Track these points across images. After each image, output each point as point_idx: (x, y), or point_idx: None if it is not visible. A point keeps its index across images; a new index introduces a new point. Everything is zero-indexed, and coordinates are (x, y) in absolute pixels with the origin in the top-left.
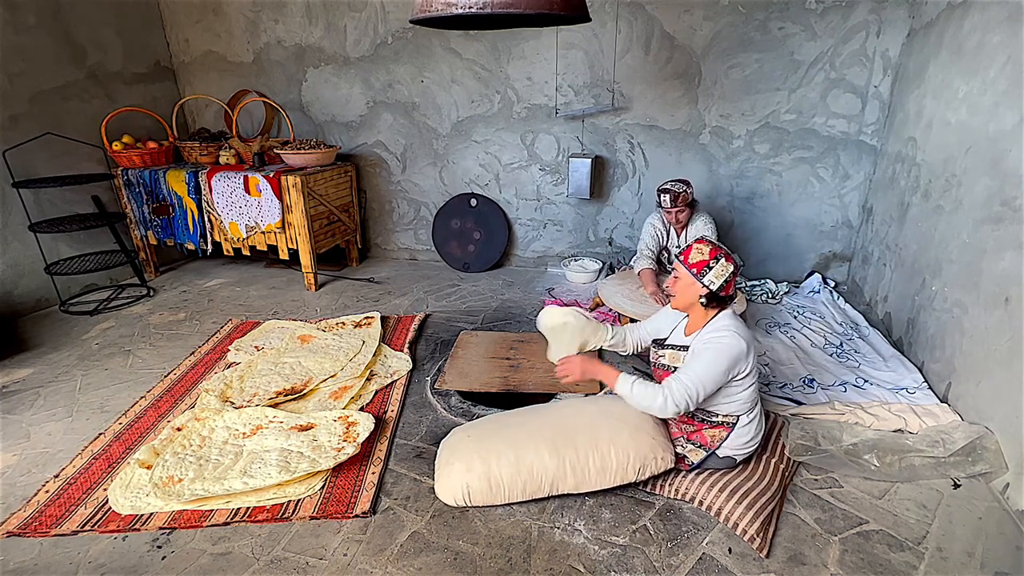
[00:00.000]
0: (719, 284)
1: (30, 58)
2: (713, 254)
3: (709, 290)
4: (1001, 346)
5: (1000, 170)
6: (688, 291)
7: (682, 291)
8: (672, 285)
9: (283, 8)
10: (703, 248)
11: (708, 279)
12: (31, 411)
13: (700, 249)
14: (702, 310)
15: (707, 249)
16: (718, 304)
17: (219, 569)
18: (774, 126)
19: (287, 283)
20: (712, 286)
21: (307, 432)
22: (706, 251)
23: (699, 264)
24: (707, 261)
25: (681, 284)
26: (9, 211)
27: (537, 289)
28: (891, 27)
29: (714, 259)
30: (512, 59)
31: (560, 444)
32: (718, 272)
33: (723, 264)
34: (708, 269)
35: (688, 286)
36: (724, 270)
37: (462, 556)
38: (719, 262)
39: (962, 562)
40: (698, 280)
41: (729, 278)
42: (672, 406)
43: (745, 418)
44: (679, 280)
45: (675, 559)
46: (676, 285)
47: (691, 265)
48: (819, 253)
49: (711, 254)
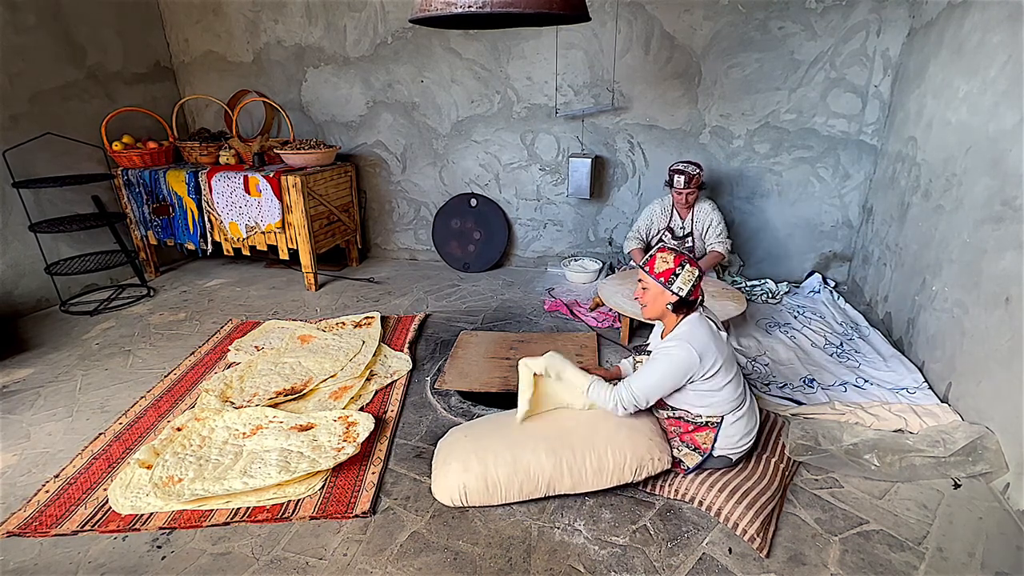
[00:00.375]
0: (687, 289)
1: (30, 58)
2: (678, 261)
3: (679, 297)
4: (1001, 346)
5: (1000, 170)
6: (658, 300)
7: (651, 301)
8: (641, 296)
9: (283, 8)
10: (667, 257)
11: (676, 286)
12: (31, 411)
13: (664, 258)
14: (673, 316)
15: (671, 257)
16: (687, 308)
17: (219, 569)
18: (774, 126)
19: (287, 283)
20: (681, 292)
21: (307, 432)
22: (670, 259)
23: (666, 273)
24: (673, 269)
25: (650, 295)
26: (9, 211)
27: (537, 289)
28: (891, 26)
29: (679, 266)
30: (512, 59)
31: (557, 444)
32: (685, 278)
33: (688, 269)
34: (675, 276)
35: (657, 295)
36: (691, 275)
37: (462, 556)
38: (684, 268)
39: (963, 562)
40: (667, 288)
41: (696, 282)
42: (621, 410)
43: (731, 417)
44: (648, 291)
45: (675, 559)
46: (645, 296)
47: (658, 275)
48: (819, 253)
49: (675, 261)
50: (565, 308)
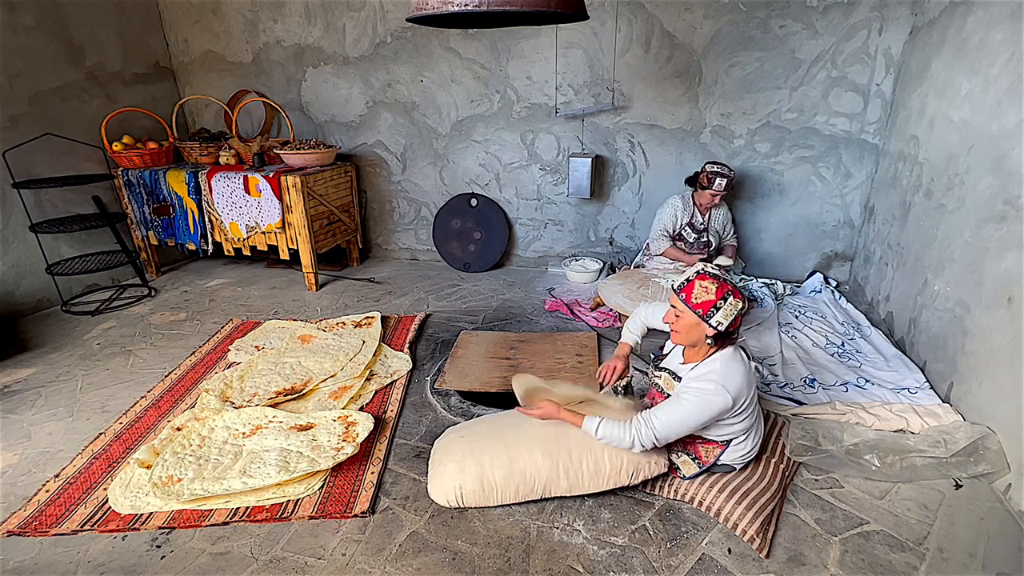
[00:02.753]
0: (727, 324)
1: (29, 59)
2: (720, 293)
3: (716, 331)
4: (1003, 346)
5: (1003, 169)
6: (693, 331)
7: (685, 331)
8: (673, 322)
9: (282, 8)
10: (709, 286)
11: (716, 320)
12: (32, 411)
13: (706, 287)
14: (706, 347)
15: (714, 288)
16: (723, 341)
17: (218, 569)
18: (775, 125)
19: (288, 283)
20: (720, 327)
21: (306, 432)
22: (713, 289)
23: (705, 304)
24: (714, 301)
25: (684, 323)
26: (10, 212)
27: (538, 289)
28: (893, 24)
29: (722, 298)
30: (512, 58)
31: (554, 447)
32: (726, 312)
33: (731, 303)
34: (716, 310)
35: (693, 326)
36: (733, 308)
37: (461, 556)
38: (727, 301)
39: (963, 563)
40: (705, 322)
41: (737, 316)
42: (639, 448)
43: (741, 436)
44: (681, 319)
45: (674, 559)
46: (679, 323)
47: (696, 305)
48: (821, 252)
49: (718, 293)
50: (566, 308)
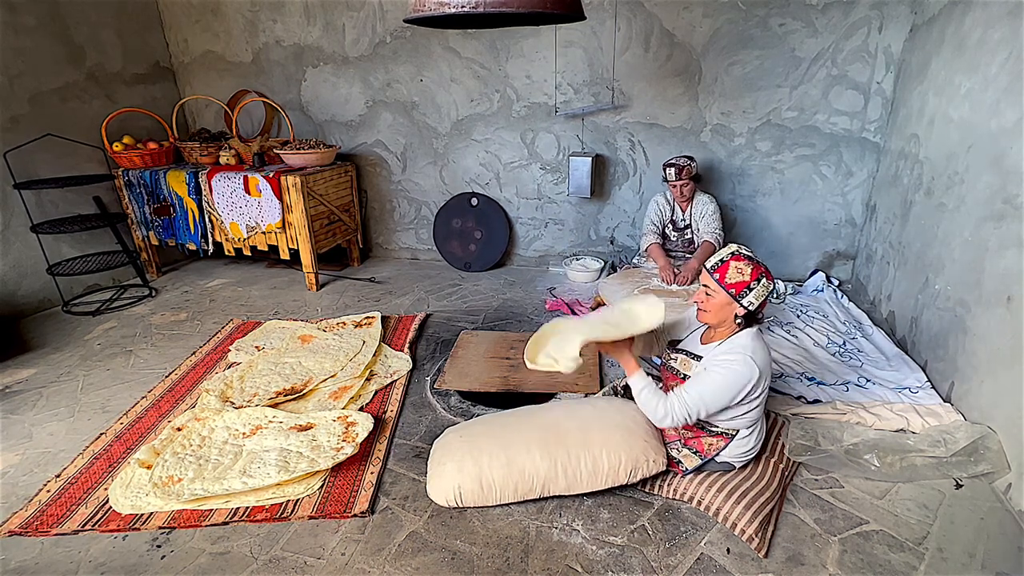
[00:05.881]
0: (758, 305)
1: (30, 59)
2: (755, 274)
3: (748, 311)
4: (1004, 345)
5: (1002, 167)
6: (723, 310)
7: (716, 310)
8: (704, 301)
9: (281, 8)
10: (744, 268)
11: (748, 300)
12: (33, 411)
13: (740, 269)
14: (733, 326)
15: (748, 269)
16: (750, 321)
17: (218, 568)
18: (776, 123)
19: (288, 283)
20: (751, 307)
21: (306, 432)
22: (747, 271)
23: (739, 285)
24: (748, 282)
25: (715, 302)
26: (11, 212)
27: (538, 288)
28: (893, 23)
29: (755, 280)
30: (511, 57)
31: (552, 446)
32: (759, 293)
33: (764, 284)
34: (749, 290)
35: (724, 306)
36: (765, 290)
37: (460, 556)
38: (760, 282)
39: (963, 563)
40: (737, 302)
41: (767, 296)
42: (670, 421)
43: (745, 430)
44: (713, 298)
45: (673, 559)
46: (709, 302)
47: (729, 285)
48: (822, 251)
49: (753, 275)
50: (566, 307)
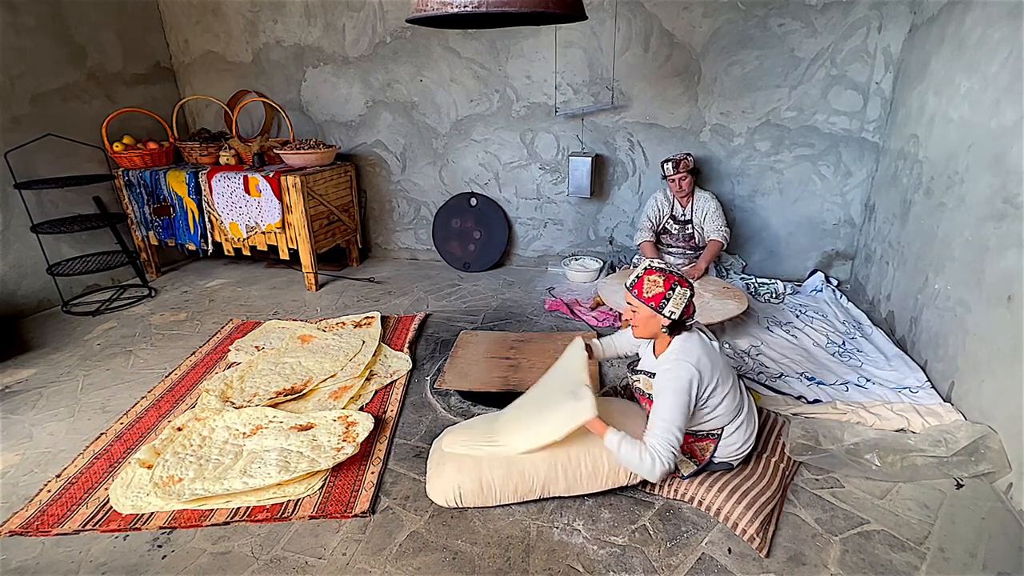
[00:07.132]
0: (679, 312)
1: (30, 60)
2: (668, 285)
3: (671, 320)
4: (1004, 345)
5: (1002, 167)
6: (649, 323)
7: (643, 323)
8: (631, 318)
9: (282, 8)
10: (657, 279)
11: (668, 310)
12: (33, 411)
13: (655, 281)
14: (666, 336)
15: (661, 280)
16: (680, 328)
17: (218, 568)
18: (775, 123)
19: (288, 283)
20: (673, 316)
21: (307, 432)
22: (661, 282)
23: (656, 297)
24: (663, 293)
25: (641, 317)
26: (11, 212)
27: (538, 288)
28: (892, 23)
29: (670, 289)
30: (511, 58)
31: (552, 447)
32: (676, 301)
33: (680, 292)
34: (666, 300)
35: (648, 319)
36: (682, 297)
37: (460, 556)
38: (675, 291)
39: (964, 562)
40: (659, 312)
41: (687, 303)
42: (660, 466)
43: (730, 427)
44: (637, 313)
45: (674, 559)
46: (636, 318)
47: (648, 299)
48: (822, 251)
49: (666, 285)
50: (566, 307)
